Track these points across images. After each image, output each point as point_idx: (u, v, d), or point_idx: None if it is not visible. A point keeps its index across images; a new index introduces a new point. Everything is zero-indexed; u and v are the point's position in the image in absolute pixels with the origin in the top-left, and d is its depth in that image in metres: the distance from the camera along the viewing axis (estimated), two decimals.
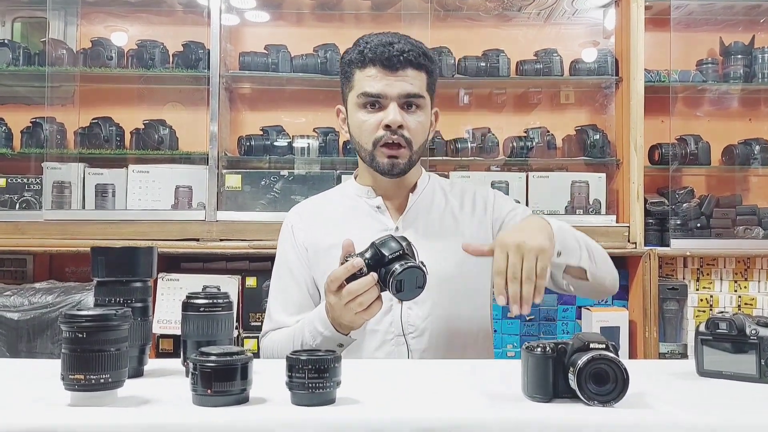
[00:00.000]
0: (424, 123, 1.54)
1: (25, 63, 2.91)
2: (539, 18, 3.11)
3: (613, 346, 0.99)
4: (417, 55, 1.50)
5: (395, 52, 1.48)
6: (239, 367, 0.94)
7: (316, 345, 1.37)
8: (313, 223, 1.61)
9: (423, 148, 1.57)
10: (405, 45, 1.50)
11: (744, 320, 1.14)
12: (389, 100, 1.49)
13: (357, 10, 3.15)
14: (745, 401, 1.03)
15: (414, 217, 1.58)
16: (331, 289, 1.30)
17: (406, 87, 1.49)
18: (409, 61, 1.49)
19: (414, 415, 0.92)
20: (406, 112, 1.51)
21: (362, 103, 1.52)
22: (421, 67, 1.52)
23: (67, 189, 2.81)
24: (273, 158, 2.90)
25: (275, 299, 1.60)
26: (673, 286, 2.69)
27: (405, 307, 1.50)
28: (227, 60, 2.92)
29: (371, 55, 1.49)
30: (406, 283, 1.27)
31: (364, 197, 1.61)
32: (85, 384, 0.92)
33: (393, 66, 1.48)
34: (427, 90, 1.54)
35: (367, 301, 1.28)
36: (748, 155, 2.91)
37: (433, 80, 1.56)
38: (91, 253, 1.15)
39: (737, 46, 2.94)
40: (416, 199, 1.60)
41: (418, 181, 1.62)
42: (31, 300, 2.48)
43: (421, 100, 1.52)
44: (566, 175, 2.87)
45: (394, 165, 1.51)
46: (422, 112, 1.53)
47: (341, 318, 1.32)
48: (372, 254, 1.29)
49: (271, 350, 1.53)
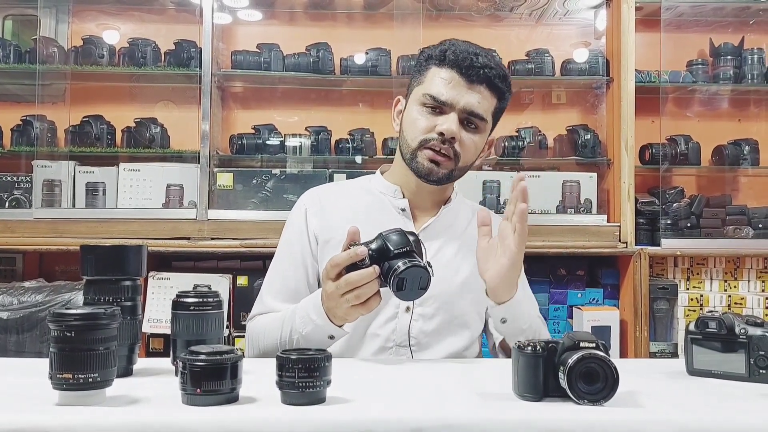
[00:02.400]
0: (478, 144, 1.50)
1: (16, 60, 2.89)
2: (531, 18, 3.12)
3: (603, 345, 0.99)
4: (497, 75, 1.47)
5: (478, 63, 1.45)
6: (229, 366, 0.94)
7: (306, 333, 1.32)
8: (329, 211, 1.55)
9: (467, 168, 1.53)
10: (489, 61, 1.47)
11: (733, 319, 1.15)
12: (452, 109, 1.45)
13: (349, 10, 3.15)
14: (735, 400, 1.03)
15: (438, 230, 1.54)
16: (329, 276, 1.25)
17: (473, 103, 1.45)
18: (488, 78, 1.46)
19: (404, 415, 0.91)
20: (463, 128, 1.47)
21: (425, 103, 1.48)
22: (496, 89, 1.48)
23: (57, 187, 2.79)
24: (265, 157, 2.90)
25: (270, 283, 1.54)
26: (664, 286, 2.70)
27: (413, 318, 1.46)
28: (219, 58, 2.91)
29: (453, 57, 1.46)
30: (408, 282, 1.21)
31: (390, 195, 1.56)
32: (73, 383, 0.92)
33: (470, 76, 1.45)
34: (491, 114, 1.51)
35: (364, 295, 1.23)
36: (737, 155, 2.93)
37: (501, 108, 1.53)
38: (80, 251, 1.14)
39: (727, 47, 2.95)
40: (445, 213, 1.57)
41: (452, 196, 1.60)
42: (20, 299, 2.47)
43: (482, 122, 1.49)
44: (557, 175, 2.88)
45: (433, 171, 1.47)
46: (479, 133, 1.50)
47: (336, 308, 1.27)
48: (377, 246, 1.24)
49: (256, 334, 1.47)
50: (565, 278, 2.73)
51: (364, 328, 1.46)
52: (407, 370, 1.26)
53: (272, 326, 1.43)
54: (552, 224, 2.69)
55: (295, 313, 1.37)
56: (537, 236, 2.62)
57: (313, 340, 1.32)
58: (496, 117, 1.54)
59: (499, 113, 1.54)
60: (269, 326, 1.44)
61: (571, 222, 2.74)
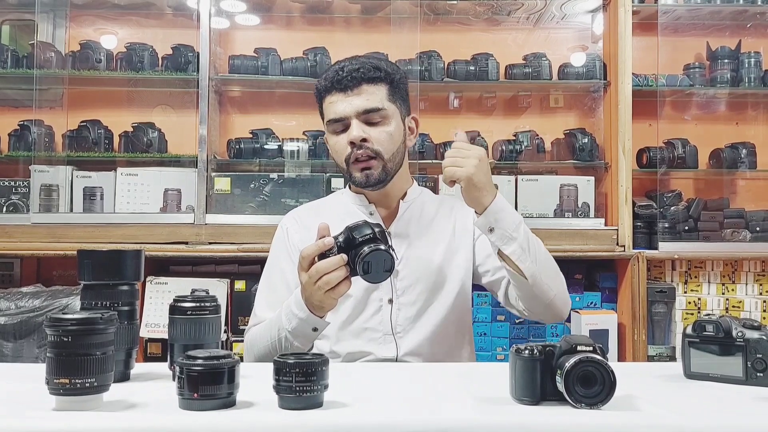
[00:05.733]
0: (393, 133, 1.58)
1: (14, 66, 2.89)
2: (528, 22, 3.12)
3: (601, 348, 0.99)
4: (367, 70, 1.56)
5: (345, 73, 1.55)
6: (226, 371, 0.94)
7: (292, 328, 1.41)
8: (308, 225, 1.64)
9: (399, 156, 1.61)
10: (355, 64, 1.57)
11: (731, 323, 1.15)
12: (351, 119, 1.55)
13: (347, 14, 3.15)
14: (732, 403, 1.03)
15: (406, 224, 1.63)
16: (302, 267, 1.35)
17: (361, 103, 1.55)
18: (361, 77, 1.55)
19: (402, 419, 0.91)
20: (371, 127, 1.56)
21: (332, 130, 1.59)
22: (375, 80, 1.57)
23: (54, 192, 2.79)
24: (262, 161, 2.90)
25: (262, 298, 1.64)
26: (662, 289, 2.70)
27: (395, 307, 1.56)
28: (217, 63, 2.91)
29: (327, 83, 1.58)
30: (373, 265, 1.31)
31: (358, 204, 1.66)
32: (70, 388, 0.92)
33: (346, 86, 1.55)
34: (389, 100, 1.58)
35: (334, 280, 1.32)
36: (735, 159, 2.93)
37: (397, 89, 1.60)
38: (77, 256, 1.14)
39: (724, 50, 2.95)
40: (407, 207, 1.65)
41: (408, 190, 1.67)
42: (17, 304, 2.47)
43: (383, 112, 1.56)
44: (555, 179, 2.88)
45: (369, 177, 1.56)
46: (389, 123, 1.57)
47: (312, 297, 1.36)
48: (345, 237, 1.34)
49: (251, 343, 1.56)
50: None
51: (352, 322, 1.57)
52: (405, 374, 1.26)
53: (263, 331, 1.52)
54: (550, 228, 2.69)
55: (281, 313, 1.45)
56: None
57: (300, 335, 1.42)
58: (397, 98, 1.60)
59: (398, 93, 1.61)
60: (261, 332, 1.53)
61: (569, 226, 2.74)
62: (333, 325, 1.52)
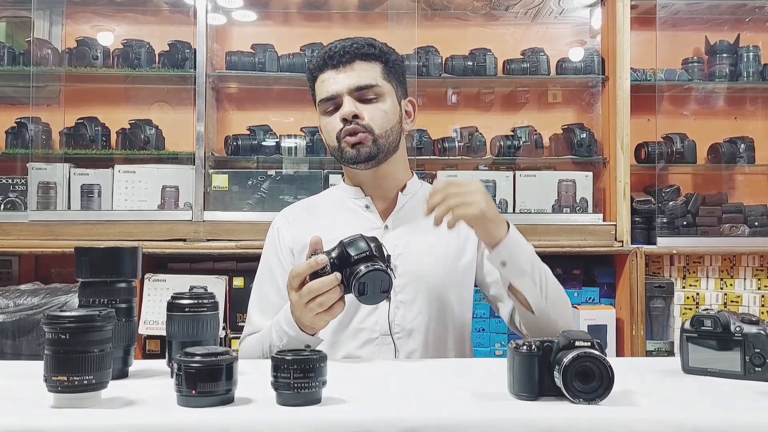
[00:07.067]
0: (387, 110, 1.52)
1: (10, 63, 2.89)
2: (526, 17, 3.12)
3: (599, 343, 0.99)
4: (361, 46, 1.51)
5: (338, 49, 1.50)
6: (224, 368, 0.94)
7: (283, 346, 1.33)
8: (300, 224, 1.59)
9: (394, 135, 1.53)
10: (349, 42, 1.52)
11: (729, 317, 1.15)
12: (341, 97, 1.50)
13: (344, 10, 3.15)
14: (730, 398, 1.03)
15: (404, 217, 1.56)
16: (292, 286, 1.27)
17: (354, 80, 1.49)
18: (355, 53, 1.50)
19: (400, 415, 0.91)
20: (365, 104, 1.50)
21: (324, 110, 1.54)
22: (369, 57, 1.52)
23: (52, 189, 2.78)
24: (260, 158, 2.90)
25: (255, 303, 1.58)
26: (660, 284, 2.70)
27: (392, 306, 1.47)
28: (214, 59, 2.91)
29: (320, 60, 1.53)
30: (369, 287, 1.22)
31: (353, 197, 1.60)
32: (68, 385, 0.92)
33: (339, 63, 1.50)
34: (384, 79, 1.53)
35: (328, 302, 1.24)
36: (733, 153, 2.93)
37: (391, 69, 1.55)
38: (74, 253, 1.14)
39: (722, 44, 2.95)
40: (407, 200, 1.59)
41: (408, 182, 1.61)
42: (16, 302, 2.46)
43: (377, 89, 1.51)
44: (553, 174, 2.88)
45: (360, 152, 1.49)
46: (383, 100, 1.52)
47: (302, 318, 1.28)
48: (338, 253, 1.25)
49: (244, 353, 1.50)
50: (562, 277, 2.72)
51: (348, 323, 1.49)
52: (403, 370, 1.26)
53: (255, 344, 1.47)
54: (548, 223, 2.69)
55: (271, 329, 1.39)
56: (533, 235, 2.61)
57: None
58: (392, 77, 1.55)
59: (395, 73, 1.56)
60: (254, 344, 1.48)
61: (567, 221, 2.74)
62: (327, 329, 1.41)
